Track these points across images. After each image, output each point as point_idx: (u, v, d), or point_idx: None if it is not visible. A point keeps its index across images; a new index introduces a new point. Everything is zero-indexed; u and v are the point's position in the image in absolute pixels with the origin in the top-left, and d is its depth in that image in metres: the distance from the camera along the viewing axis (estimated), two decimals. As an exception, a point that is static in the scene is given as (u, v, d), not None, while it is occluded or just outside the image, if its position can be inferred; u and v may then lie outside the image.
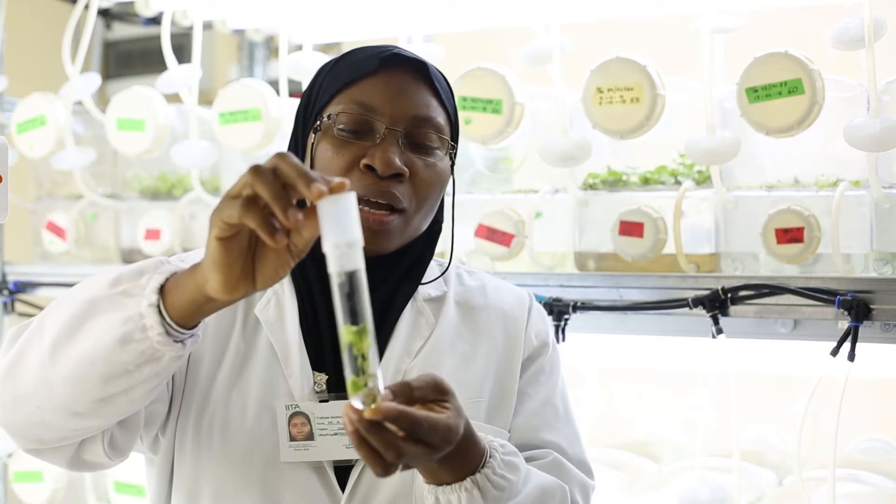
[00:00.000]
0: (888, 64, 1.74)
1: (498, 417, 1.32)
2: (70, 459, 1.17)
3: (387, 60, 1.25)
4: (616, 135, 1.88)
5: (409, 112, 1.24)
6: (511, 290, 1.42)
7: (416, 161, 1.24)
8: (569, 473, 1.30)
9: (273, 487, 1.23)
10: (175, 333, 1.04)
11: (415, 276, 1.33)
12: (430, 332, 1.31)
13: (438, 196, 1.29)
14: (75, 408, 1.08)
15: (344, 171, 1.22)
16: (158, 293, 1.03)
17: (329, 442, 1.23)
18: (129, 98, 2.35)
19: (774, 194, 1.84)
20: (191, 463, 1.26)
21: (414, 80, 1.26)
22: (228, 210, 0.95)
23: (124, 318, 1.03)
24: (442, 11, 2.23)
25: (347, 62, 1.28)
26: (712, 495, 1.88)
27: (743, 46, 1.88)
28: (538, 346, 1.38)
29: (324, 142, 1.25)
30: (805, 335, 1.73)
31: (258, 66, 3.18)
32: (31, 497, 2.51)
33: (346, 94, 1.25)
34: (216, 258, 0.97)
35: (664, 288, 1.81)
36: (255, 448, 1.24)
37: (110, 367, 1.05)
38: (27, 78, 2.85)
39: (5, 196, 1.22)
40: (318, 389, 1.25)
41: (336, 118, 1.24)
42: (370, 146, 1.22)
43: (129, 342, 1.03)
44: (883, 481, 2.01)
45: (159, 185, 2.52)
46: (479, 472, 1.12)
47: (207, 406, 1.26)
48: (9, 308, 2.50)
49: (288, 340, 1.27)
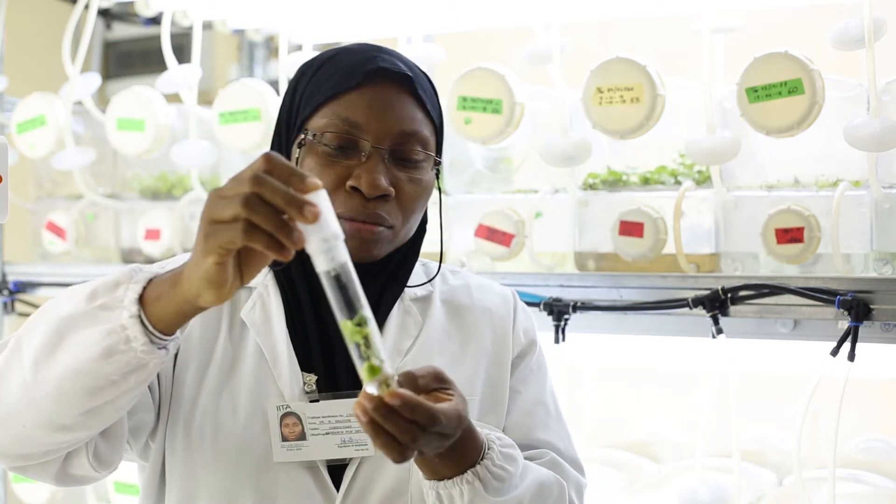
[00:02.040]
0: (888, 64, 1.74)
1: (490, 416, 1.32)
2: (56, 474, 1.17)
3: (371, 74, 1.24)
4: (616, 135, 1.88)
5: (394, 128, 1.24)
6: (495, 288, 1.42)
7: (401, 177, 1.24)
8: (566, 472, 1.31)
9: (267, 488, 1.23)
10: (158, 341, 1.04)
11: (401, 278, 1.33)
12: (418, 330, 1.32)
13: (424, 206, 1.30)
14: (62, 421, 1.08)
15: (330, 190, 1.21)
16: (138, 303, 1.03)
17: (321, 441, 1.23)
18: (129, 98, 2.35)
19: (774, 194, 1.84)
20: (183, 467, 1.26)
21: (398, 92, 1.25)
22: (226, 235, 0.94)
23: (106, 331, 1.03)
24: (442, 11, 2.23)
25: (331, 70, 1.26)
26: (712, 495, 1.88)
27: (743, 46, 1.88)
28: (527, 343, 1.39)
29: (309, 158, 1.24)
30: (805, 335, 1.73)
31: (258, 66, 3.18)
32: (31, 497, 2.51)
33: (330, 108, 1.24)
34: (213, 278, 0.97)
35: (664, 288, 1.81)
36: (248, 450, 1.24)
37: (95, 380, 1.04)
38: (27, 78, 2.84)
39: (5, 196, 1.22)
40: (307, 390, 1.25)
41: (321, 136, 1.23)
42: (355, 164, 1.22)
43: (114, 354, 1.03)
44: (883, 481, 2.01)
45: (159, 185, 2.52)
46: (478, 463, 1.13)
47: (196, 410, 1.25)
48: (9, 308, 2.50)
49: (275, 342, 1.27)
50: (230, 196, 0.94)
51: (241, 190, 0.93)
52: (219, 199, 0.95)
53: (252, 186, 0.93)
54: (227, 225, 0.94)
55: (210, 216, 0.95)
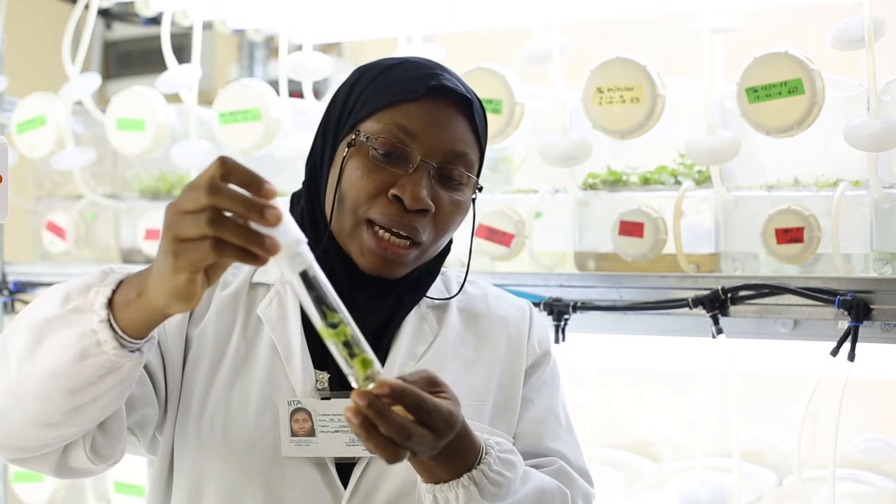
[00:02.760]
0: (888, 64, 1.74)
1: (502, 422, 1.33)
2: (55, 467, 1.18)
3: (433, 90, 1.25)
4: (616, 135, 1.88)
5: (445, 146, 1.25)
6: (511, 299, 1.44)
7: (442, 196, 1.25)
8: (574, 482, 1.31)
9: (276, 484, 1.24)
10: (129, 345, 1.04)
11: (421, 287, 1.35)
12: (433, 336, 1.33)
13: (456, 228, 1.31)
14: (48, 420, 1.09)
15: (371, 195, 1.23)
16: (107, 307, 1.03)
17: (330, 439, 1.24)
18: (129, 98, 2.35)
19: (774, 194, 1.84)
20: (192, 460, 1.26)
21: (456, 112, 1.26)
22: (196, 254, 0.92)
23: (79, 335, 1.03)
24: (442, 11, 2.23)
25: (392, 79, 1.27)
26: (712, 495, 1.88)
27: (743, 46, 1.88)
28: (541, 354, 1.40)
29: (355, 159, 1.25)
30: (805, 335, 1.73)
31: (258, 66, 3.18)
32: (31, 497, 2.51)
33: (387, 114, 1.24)
34: (183, 293, 0.95)
35: (664, 288, 1.81)
36: (257, 444, 1.24)
37: (73, 382, 1.05)
38: (27, 78, 2.84)
39: (5, 196, 1.22)
40: (319, 387, 1.26)
41: (374, 140, 1.24)
42: (401, 174, 1.23)
43: (87, 357, 1.03)
44: (883, 481, 2.01)
45: (159, 185, 2.52)
46: (475, 468, 1.13)
47: (208, 404, 1.26)
48: (9, 308, 2.50)
49: (290, 339, 1.28)
50: (191, 211, 0.92)
51: (199, 202, 0.91)
52: (180, 216, 0.93)
53: (209, 197, 0.91)
54: (195, 243, 0.92)
55: (174, 234, 0.93)
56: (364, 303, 1.28)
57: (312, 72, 2.29)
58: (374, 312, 1.29)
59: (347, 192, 1.24)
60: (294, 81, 2.30)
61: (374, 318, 1.29)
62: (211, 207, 0.91)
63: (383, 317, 1.30)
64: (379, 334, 1.29)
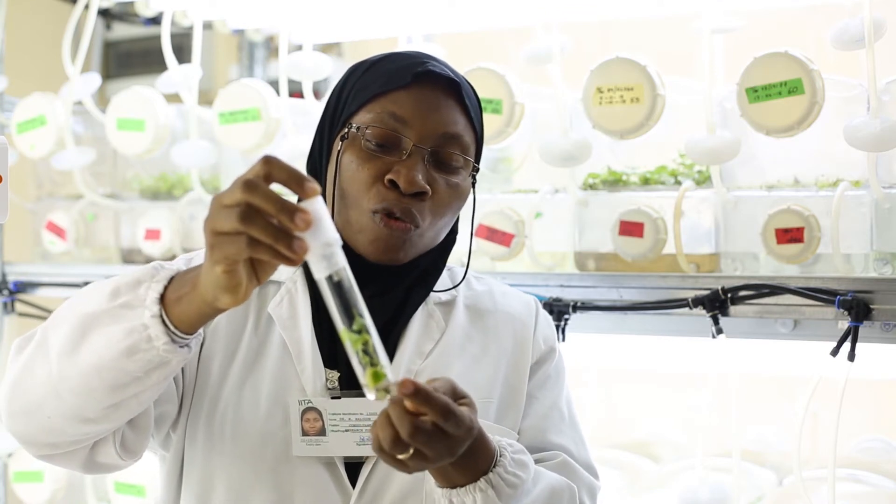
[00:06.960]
0: (888, 64, 1.74)
1: (507, 418, 1.34)
2: (83, 462, 1.19)
3: (420, 76, 1.26)
4: (616, 135, 1.88)
5: (437, 130, 1.25)
6: (518, 295, 1.44)
7: (438, 180, 1.26)
8: (577, 474, 1.32)
9: (285, 482, 1.24)
10: (180, 340, 1.06)
11: (428, 283, 1.35)
12: (440, 334, 1.33)
13: (454, 214, 1.31)
14: (86, 415, 1.10)
15: (368, 184, 1.24)
16: (159, 302, 1.04)
17: (341, 438, 1.24)
18: (129, 98, 2.35)
19: (774, 194, 1.84)
20: (203, 458, 1.27)
21: (445, 96, 1.27)
22: (231, 248, 0.95)
23: (128, 330, 1.05)
24: (442, 11, 2.23)
25: (380, 70, 1.28)
26: (712, 495, 1.88)
27: (743, 46, 1.88)
28: (546, 350, 1.40)
29: (350, 152, 1.26)
30: (805, 335, 1.73)
31: (258, 66, 3.18)
32: (31, 497, 2.51)
33: (377, 104, 1.26)
34: (225, 285, 0.97)
35: (664, 288, 1.81)
36: (268, 443, 1.25)
37: (118, 377, 1.06)
38: (27, 78, 2.84)
39: (5, 196, 1.22)
40: (330, 386, 1.27)
41: (364, 131, 1.24)
42: (395, 161, 1.24)
43: (136, 352, 1.05)
44: (883, 481, 2.01)
45: (159, 185, 2.52)
46: (491, 471, 1.13)
47: (219, 402, 1.27)
48: (9, 308, 2.50)
49: (301, 337, 1.28)
50: (228, 205, 0.94)
51: (235, 198, 0.94)
52: (219, 209, 0.95)
53: (245, 193, 0.93)
54: (230, 237, 0.94)
55: (212, 226, 0.96)
56: (371, 300, 1.28)
57: (312, 72, 2.29)
58: (381, 310, 1.29)
59: (346, 186, 1.25)
60: (294, 81, 2.30)
61: (382, 316, 1.29)
62: (245, 203, 0.93)
63: (391, 314, 1.31)
64: (386, 332, 1.29)
